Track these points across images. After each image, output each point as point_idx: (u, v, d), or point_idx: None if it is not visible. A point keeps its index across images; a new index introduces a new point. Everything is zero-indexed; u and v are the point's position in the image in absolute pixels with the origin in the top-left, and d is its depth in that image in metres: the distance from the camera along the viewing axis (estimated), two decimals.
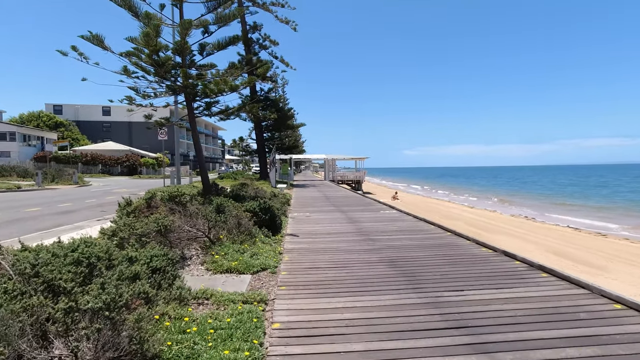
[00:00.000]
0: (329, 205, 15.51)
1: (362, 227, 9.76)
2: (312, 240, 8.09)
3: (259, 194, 13.27)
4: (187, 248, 6.13)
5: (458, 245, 7.34)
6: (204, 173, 11.88)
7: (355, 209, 13.75)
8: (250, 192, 13.25)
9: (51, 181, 26.54)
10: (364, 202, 16.83)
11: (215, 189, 12.79)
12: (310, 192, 23.50)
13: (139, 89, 11.46)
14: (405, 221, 10.70)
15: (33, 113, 63.82)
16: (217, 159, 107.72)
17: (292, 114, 33.29)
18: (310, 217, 11.84)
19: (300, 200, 17.92)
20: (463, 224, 19.46)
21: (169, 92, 11.78)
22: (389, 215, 12.12)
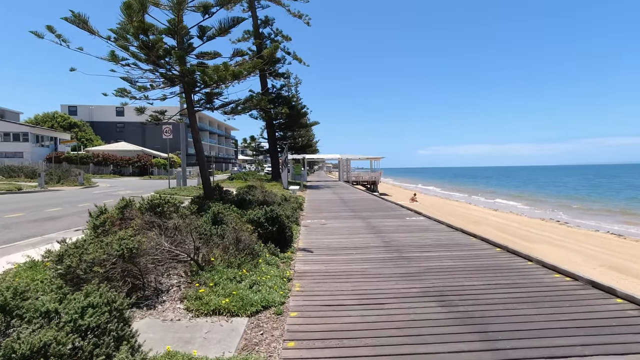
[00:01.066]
0: (346, 210, 13.92)
1: (389, 239, 8.14)
2: (329, 258, 6.52)
3: (267, 198, 11.78)
4: (167, 275, 4.64)
5: (519, 269, 5.66)
6: (205, 175, 10.43)
7: (376, 215, 12.13)
8: (258, 196, 11.77)
9: (57, 182, 25.68)
10: (385, 206, 15.17)
11: (219, 193, 11.35)
12: (325, 195, 21.94)
13: (133, 80, 10.10)
14: (438, 231, 9.03)
15: (48, 114, 64.06)
16: (230, 159, 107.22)
17: (305, 112, 31.81)
18: (325, 225, 10.28)
19: (314, 204, 16.37)
20: (493, 229, 17.67)
21: (167, 83, 10.39)
22: (417, 223, 10.46)
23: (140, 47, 7.96)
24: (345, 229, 9.62)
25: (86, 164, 46.87)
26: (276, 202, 11.56)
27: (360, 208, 14.33)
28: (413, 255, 6.62)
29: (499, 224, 20.14)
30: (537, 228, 19.72)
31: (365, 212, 12.91)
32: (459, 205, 34.21)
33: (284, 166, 24.67)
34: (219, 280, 4.50)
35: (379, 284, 4.99)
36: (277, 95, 32.09)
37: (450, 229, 9.29)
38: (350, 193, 23.04)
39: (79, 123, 64.44)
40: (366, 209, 14.10)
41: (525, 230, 18.68)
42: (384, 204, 16.14)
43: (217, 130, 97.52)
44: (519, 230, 18.17)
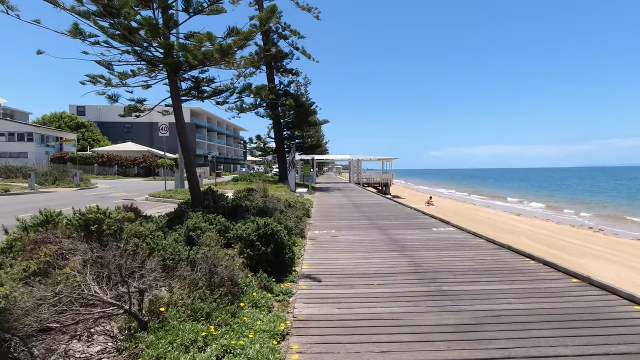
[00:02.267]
0: (360, 217, 12.11)
1: (418, 260, 6.31)
2: (343, 292, 4.72)
3: (269, 204, 10.03)
4: (88, 337, 2.90)
5: (618, 313, 3.80)
6: (193, 177, 8.73)
7: (396, 225, 10.29)
8: (257, 202, 10.03)
9: (52, 183, 24.41)
10: (404, 212, 13.31)
11: (211, 198, 9.64)
12: (335, 198, 20.13)
13: (109, 64, 8.45)
14: (478, 248, 7.17)
15: (55, 114, 63.63)
16: (239, 160, 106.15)
17: (314, 110, 30.06)
18: (337, 238, 8.48)
19: (324, 209, 14.58)
20: (528, 239, 15.67)
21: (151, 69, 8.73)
22: (449, 236, 8.59)
23: (101, 13, 6.28)
24: (360, 243, 7.82)
25: (90, 164, 45.89)
26: (278, 209, 9.81)
27: (376, 215, 12.50)
28: (458, 289, 4.79)
29: (530, 232, 18.09)
30: (573, 236, 17.63)
31: (383, 221, 11.07)
32: (478, 209, 32.06)
33: (291, 167, 22.94)
34: (166, 351, 2.75)
35: (423, 349, 3.18)
36: (285, 92, 30.42)
37: (494, 246, 7.41)
38: (363, 196, 21.20)
39: (86, 123, 63.88)
40: (383, 216, 12.27)
41: (559, 238, 16.64)
42: (403, 209, 14.27)
43: (225, 131, 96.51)
44: (554, 240, 16.13)
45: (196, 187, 8.67)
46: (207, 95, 9.07)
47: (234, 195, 10.91)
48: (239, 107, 26.10)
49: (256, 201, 10.17)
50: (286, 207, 10.49)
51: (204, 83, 9.05)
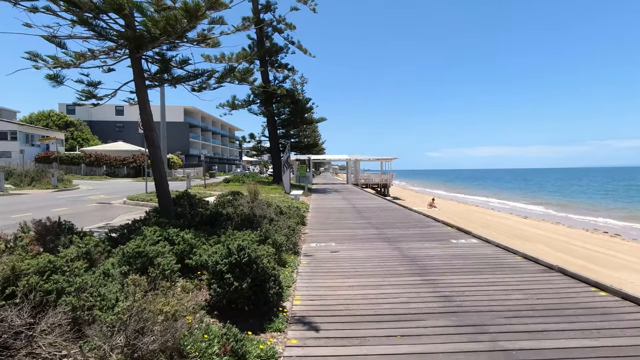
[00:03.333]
0: (364, 224, 10.52)
1: (447, 289, 4.72)
2: (352, 355, 3.13)
3: (256, 210, 8.40)
4: None
5: None
6: (160, 180, 7.07)
7: (408, 235, 8.71)
8: (242, 209, 8.40)
9: (29, 184, 22.64)
10: (412, 218, 11.73)
11: (188, 204, 8.01)
12: (333, 201, 18.53)
13: (59, 40, 6.80)
14: (520, 270, 5.59)
15: (43, 112, 61.63)
16: (234, 160, 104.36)
17: (310, 107, 28.45)
18: (338, 254, 6.88)
19: (321, 215, 12.97)
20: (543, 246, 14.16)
21: (111, 48, 7.09)
22: (474, 250, 7.01)
23: None
24: (368, 262, 6.22)
25: (77, 164, 44.05)
26: (267, 216, 8.18)
27: (382, 222, 10.91)
28: (523, 346, 3.20)
29: (545, 238, 16.57)
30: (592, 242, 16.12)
31: (391, 230, 9.47)
32: (482, 211, 30.58)
33: (286, 168, 21.33)
34: None
35: None
36: (279, 88, 28.80)
37: (539, 267, 5.81)
38: (364, 199, 19.61)
39: (75, 122, 61.91)
40: (390, 223, 10.68)
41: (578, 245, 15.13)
42: (410, 215, 12.68)
43: (220, 131, 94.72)
44: (574, 247, 14.60)
45: (164, 191, 7.03)
46: (179, 79, 7.44)
47: (217, 199, 9.28)
48: (231, 103, 24.28)
49: (241, 207, 8.54)
50: (277, 213, 8.87)
51: (176, 65, 7.42)
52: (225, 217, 7.56)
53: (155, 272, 3.43)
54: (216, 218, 7.40)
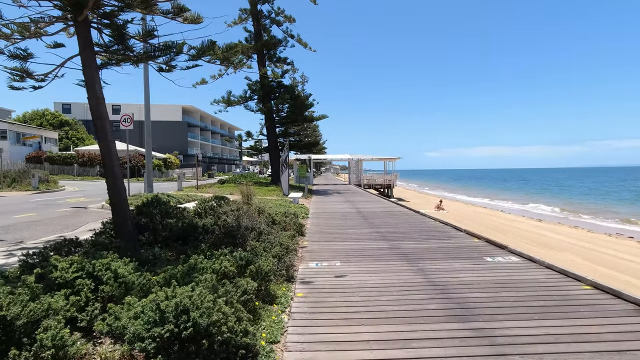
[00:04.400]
0: (373, 234, 8.93)
1: (507, 348, 3.15)
2: None
3: (242, 220, 6.81)
4: None
5: None
6: (114, 185, 5.44)
7: (428, 250, 7.12)
8: (226, 219, 6.81)
9: (9, 185, 21.12)
10: (428, 226, 10.13)
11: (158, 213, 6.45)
12: (336, 204, 16.95)
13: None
14: (595, 306, 4.02)
15: (37, 111, 60.20)
16: (234, 160, 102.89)
17: (310, 103, 26.85)
18: (345, 280, 5.29)
19: (323, 221, 11.40)
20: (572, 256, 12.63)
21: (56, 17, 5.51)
22: (521, 274, 5.41)
23: None
24: (386, 294, 4.62)
25: (70, 164, 42.55)
26: (257, 229, 6.59)
27: (393, 230, 9.32)
28: None
29: (570, 245, 14.96)
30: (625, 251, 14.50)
31: (406, 242, 7.88)
32: (491, 213, 28.97)
33: (284, 167, 19.74)
34: None
35: None
36: (278, 83, 27.22)
37: (626, 305, 4.21)
38: (368, 201, 18.03)
39: (70, 121, 60.47)
40: (403, 232, 9.09)
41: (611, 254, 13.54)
42: (424, 221, 11.07)
43: (220, 130, 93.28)
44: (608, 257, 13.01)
45: (120, 200, 5.41)
46: (142, 56, 5.84)
47: (197, 206, 7.69)
48: (226, 99, 22.61)
49: (225, 216, 6.94)
50: (269, 224, 7.27)
51: (139, 37, 5.83)
52: (202, 230, 5.98)
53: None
54: (189, 232, 5.82)
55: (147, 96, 15.68)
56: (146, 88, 15.59)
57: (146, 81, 15.64)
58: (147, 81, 15.65)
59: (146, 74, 15.41)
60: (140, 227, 6.00)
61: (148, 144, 16.26)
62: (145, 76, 15.66)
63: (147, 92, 15.72)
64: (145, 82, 15.66)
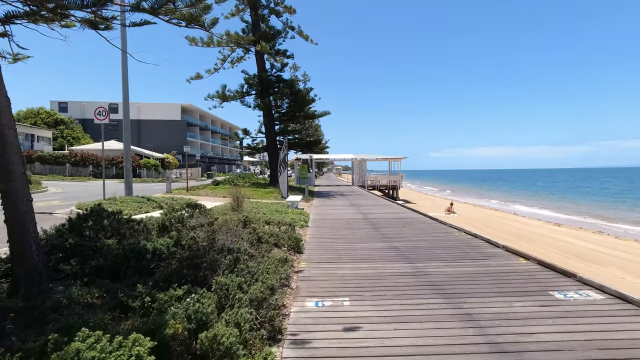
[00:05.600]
0: (387, 250, 7.13)
1: None
2: None
3: (219, 240, 5.01)
4: None
5: None
6: (12, 195, 3.62)
7: (467, 277, 5.30)
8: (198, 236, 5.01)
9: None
10: (456, 240, 8.29)
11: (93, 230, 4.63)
12: (340, 208, 15.14)
13: None
14: None
15: (32, 110, 58.72)
16: (234, 160, 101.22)
17: (312, 99, 25.04)
18: (358, 338, 3.49)
19: (325, 231, 9.59)
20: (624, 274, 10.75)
21: None
22: (623, 328, 3.62)
23: None
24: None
25: (62, 164, 40.90)
26: (234, 250, 4.78)
27: (412, 245, 7.50)
28: None
29: (609, 257, 13.06)
30: None
31: (435, 264, 6.05)
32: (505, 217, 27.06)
33: (283, 168, 17.93)
34: None
35: None
36: (278, 77, 25.42)
37: None
38: (375, 205, 16.20)
39: (66, 120, 58.94)
40: (425, 248, 7.27)
41: None
42: (448, 232, 9.21)
43: (220, 130, 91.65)
44: None
45: (18, 216, 3.59)
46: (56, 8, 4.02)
47: (162, 217, 5.87)
48: (221, 94, 20.59)
49: (193, 233, 5.13)
50: (254, 243, 5.45)
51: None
52: (154, 255, 4.17)
53: None
54: (133, 258, 4.01)
55: (125, 80, 13.73)
56: (124, 71, 13.65)
57: (124, 63, 13.64)
58: (126, 65, 13.68)
59: (123, 41, 13.35)
60: (65, 250, 4.20)
61: (127, 140, 14.47)
62: (124, 61, 13.70)
63: (126, 73, 13.70)
64: (124, 64, 13.65)
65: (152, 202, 12.13)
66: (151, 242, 4.38)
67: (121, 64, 13.53)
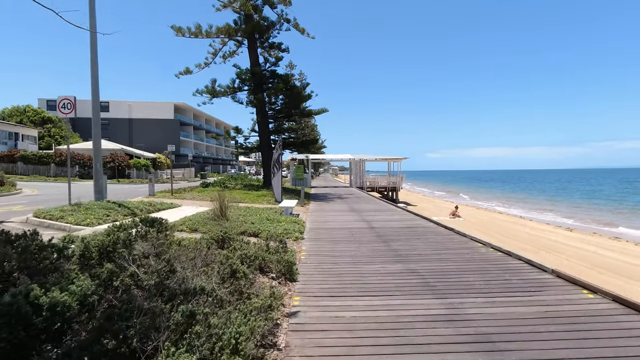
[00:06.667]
0: (404, 274, 5.60)
1: None
2: None
3: (176, 274, 3.45)
4: None
5: None
6: None
7: (524, 318, 3.79)
8: (143, 265, 3.45)
9: None
10: (483, 258, 6.77)
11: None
12: (339, 214, 13.58)
13: None
14: None
15: (18, 108, 56.69)
16: (229, 160, 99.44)
17: (308, 95, 23.46)
18: None
19: (324, 246, 8.03)
20: None
21: None
22: None
23: None
24: None
25: (46, 164, 39.02)
26: (194, 298, 3.21)
27: (435, 268, 5.96)
28: None
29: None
30: None
31: (472, 299, 4.53)
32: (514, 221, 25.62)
33: (276, 168, 16.35)
34: None
35: None
36: (272, 73, 23.82)
37: None
38: (379, 210, 14.65)
39: (53, 118, 56.92)
40: (451, 270, 5.75)
41: None
42: (472, 247, 7.68)
43: (214, 129, 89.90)
44: None
45: None
46: None
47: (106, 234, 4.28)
48: (210, 89, 18.76)
49: (132, 268, 3.55)
50: (226, 279, 3.88)
51: None
52: (53, 314, 2.58)
53: None
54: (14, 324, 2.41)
55: (94, 62, 11.93)
56: (93, 52, 11.89)
57: (93, 43, 11.85)
58: (95, 45, 11.90)
59: (93, 38, 11.65)
60: None
61: (96, 135, 12.79)
62: (93, 41, 11.88)
63: (95, 54, 11.90)
64: (93, 44, 11.86)
65: (124, 209, 10.51)
66: (59, 286, 2.79)
67: (90, 45, 11.80)
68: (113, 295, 3.13)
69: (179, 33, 19.81)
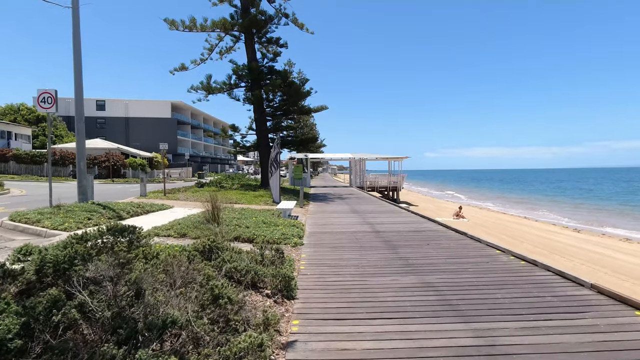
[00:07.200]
0: (421, 290, 4.87)
1: None
2: None
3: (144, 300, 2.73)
4: None
5: None
6: None
7: (567, 349, 3.08)
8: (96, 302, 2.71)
9: None
10: (507, 269, 6.03)
11: None
12: (341, 216, 12.84)
13: None
14: None
15: (11, 106, 55.84)
16: (228, 160, 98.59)
17: (307, 92, 22.70)
18: None
19: (325, 254, 7.29)
20: None
21: None
22: None
23: None
24: None
25: (39, 163, 38.21)
26: (157, 327, 2.49)
27: (453, 283, 5.23)
28: None
29: None
30: None
31: (502, 323, 3.80)
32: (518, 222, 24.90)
33: (274, 168, 15.59)
34: None
35: None
36: (270, 69, 23.03)
37: None
38: (382, 212, 13.91)
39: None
40: (471, 285, 5.01)
41: None
42: (491, 255, 6.93)
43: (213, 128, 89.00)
44: None
45: None
46: None
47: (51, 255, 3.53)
48: (206, 85, 17.85)
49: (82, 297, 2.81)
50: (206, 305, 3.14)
51: None
52: None
53: None
54: None
55: (77, 41, 11.09)
56: (75, 32, 11.05)
57: (75, 21, 10.99)
58: (77, 23, 11.04)
59: (75, 14, 10.80)
60: None
61: (79, 132, 12.03)
62: (75, 19, 11.00)
63: (77, 33, 11.10)
64: (75, 22, 11.00)
65: (108, 211, 9.74)
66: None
67: (72, 23, 10.95)
68: (51, 334, 2.37)
69: (172, 26, 19.01)
